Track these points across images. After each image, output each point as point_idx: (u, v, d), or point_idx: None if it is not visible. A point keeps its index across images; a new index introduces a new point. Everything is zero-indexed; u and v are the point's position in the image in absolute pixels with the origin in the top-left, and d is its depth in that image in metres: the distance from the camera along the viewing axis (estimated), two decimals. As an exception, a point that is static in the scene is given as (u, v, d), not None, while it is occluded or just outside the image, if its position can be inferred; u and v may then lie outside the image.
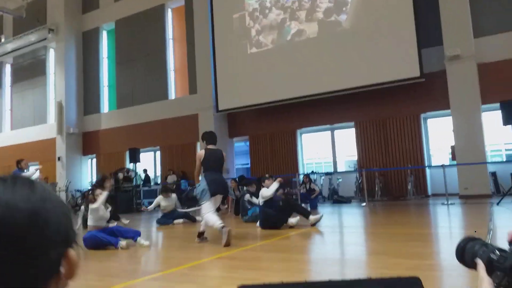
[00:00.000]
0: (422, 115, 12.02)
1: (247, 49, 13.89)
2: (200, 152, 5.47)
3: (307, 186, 10.87)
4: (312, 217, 6.35)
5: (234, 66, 13.99)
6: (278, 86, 13.03)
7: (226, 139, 14.79)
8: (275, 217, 6.42)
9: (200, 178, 5.42)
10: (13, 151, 20.34)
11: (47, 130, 19.04)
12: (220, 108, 14.26)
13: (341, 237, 5.83)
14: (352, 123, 12.96)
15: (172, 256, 4.91)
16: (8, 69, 21.55)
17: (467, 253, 0.84)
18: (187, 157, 15.68)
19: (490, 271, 0.78)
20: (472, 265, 0.82)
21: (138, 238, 5.34)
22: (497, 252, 0.77)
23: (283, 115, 13.78)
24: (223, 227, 4.90)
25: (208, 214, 5.14)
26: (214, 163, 5.38)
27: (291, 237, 5.63)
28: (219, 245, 4.87)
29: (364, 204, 10.19)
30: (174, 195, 8.54)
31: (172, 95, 16.51)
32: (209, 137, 5.58)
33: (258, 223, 6.81)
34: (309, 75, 12.54)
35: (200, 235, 5.38)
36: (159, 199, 8.43)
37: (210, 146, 5.52)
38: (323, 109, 13.13)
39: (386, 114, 12.29)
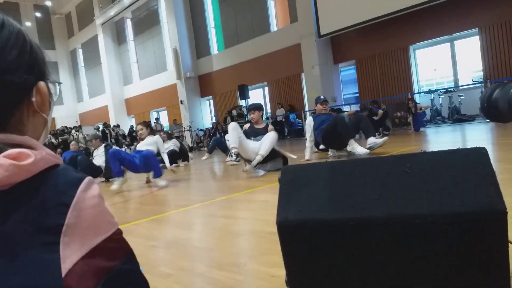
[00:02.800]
0: None
1: (346, -38, 12.61)
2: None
3: (413, 110, 9.99)
4: (371, 139, 5.36)
5: (333, -15, 12.91)
6: (383, -1, 11.72)
7: (331, 66, 14.10)
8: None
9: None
10: (144, 99, 22.86)
11: (168, 76, 20.68)
12: (322, 33, 13.53)
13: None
14: (476, 30, 11.14)
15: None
16: (129, 24, 23.50)
17: (501, 100, 0.63)
18: (293, 88, 15.55)
19: None
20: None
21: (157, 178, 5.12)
22: None
23: (391, 31, 12.49)
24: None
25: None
26: None
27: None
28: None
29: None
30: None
31: (274, 26, 16.19)
32: None
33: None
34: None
35: None
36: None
37: None
38: (438, 17, 11.49)
39: (519, 12, 10.23)
